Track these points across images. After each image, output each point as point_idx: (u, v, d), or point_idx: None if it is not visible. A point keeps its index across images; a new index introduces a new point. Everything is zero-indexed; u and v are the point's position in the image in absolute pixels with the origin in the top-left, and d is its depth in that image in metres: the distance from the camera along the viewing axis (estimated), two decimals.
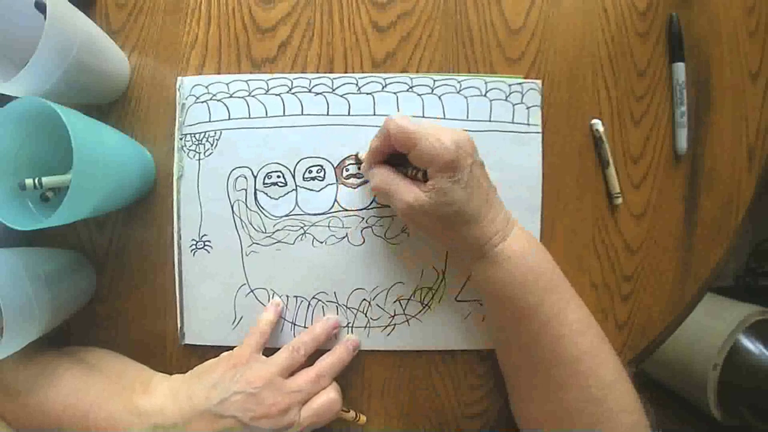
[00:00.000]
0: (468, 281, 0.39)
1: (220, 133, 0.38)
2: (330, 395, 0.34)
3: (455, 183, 0.30)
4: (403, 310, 0.39)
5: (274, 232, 0.38)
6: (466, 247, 0.33)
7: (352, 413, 0.38)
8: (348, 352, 0.37)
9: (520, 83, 0.39)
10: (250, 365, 0.33)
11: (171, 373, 0.36)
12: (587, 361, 0.31)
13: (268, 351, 0.35)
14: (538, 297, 0.31)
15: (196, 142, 0.38)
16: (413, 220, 0.33)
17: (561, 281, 0.33)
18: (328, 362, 0.36)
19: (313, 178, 0.38)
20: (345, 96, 0.38)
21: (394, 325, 0.39)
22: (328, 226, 0.38)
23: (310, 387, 0.34)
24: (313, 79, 0.38)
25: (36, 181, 0.31)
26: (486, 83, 0.39)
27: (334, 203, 0.38)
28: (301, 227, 0.38)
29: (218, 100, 0.38)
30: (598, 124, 0.39)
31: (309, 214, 0.38)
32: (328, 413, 0.34)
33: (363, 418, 0.38)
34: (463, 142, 0.31)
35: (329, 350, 0.37)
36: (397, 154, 0.33)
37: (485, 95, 0.39)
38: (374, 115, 0.38)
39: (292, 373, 0.35)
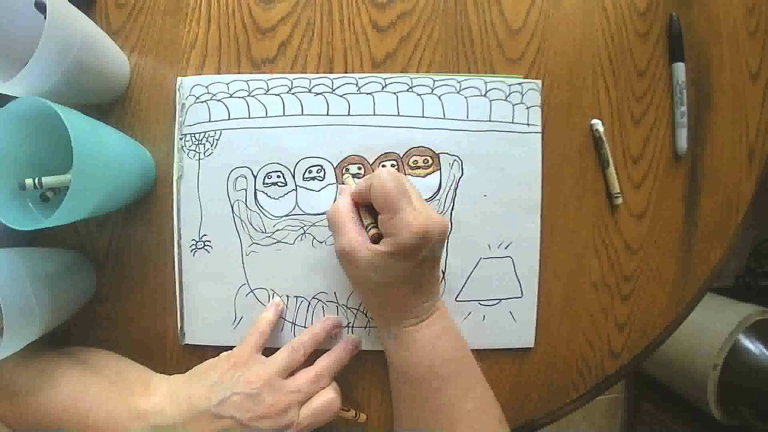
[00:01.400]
0: (466, 283, 0.39)
1: (220, 133, 0.38)
2: (329, 395, 0.34)
3: (397, 263, 0.30)
4: None
5: (274, 232, 0.38)
6: (377, 315, 0.35)
7: (352, 412, 0.38)
8: (347, 351, 0.37)
9: (519, 83, 0.39)
10: (250, 365, 0.33)
11: (171, 374, 0.36)
12: None
13: (269, 351, 0.35)
14: (439, 383, 0.32)
15: (196, 142, 0.38)
16: (344, 265, 0.34)
17: (467, 370, 0.34)
18: (327, 362, 0.36)
19: (313, 178, 0.38)
20: (345, 96, 0.39)
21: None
22: (328, 227, 0.38)
23: (310, 387, 0.34)
24: (313, 79, 0.39)
25: (36, 181, 0.31)
26: (486, 83, 0.39)
27: (334, 203, 0.38)
28: (301, 227, 0.38)
29: (218, 100, 0.38)
30: (598, 124, 0.39)
31: (309, 214, 0.38)
32: (327, 413, 0.34)
33: (363, 417, 0.38)
34: (432, 234, 0.30)
35: (329, 350, 0.37)
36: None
37: (485, 95, 0.39)
38: (374, 115, 0.38)
39: (291, 373, 0.35)
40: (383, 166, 0.38)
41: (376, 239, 0.32)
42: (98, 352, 0.37)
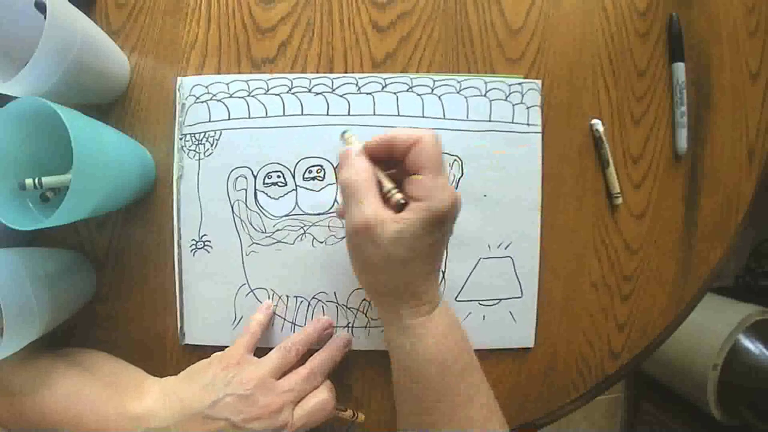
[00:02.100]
0: (466, 283, 0.39)
1: (220, 133, 0.38)
2: (322, 396, 0.34)
3: (427, 233, 0.27)
4: None
5: (274, 232, 0.38)
6: (388, 303, 0.30)
7: (349, 412, 0.38)
8: (339, 349, 0.37)
9: (520, 83, 0.39)
10: (242, 366, 0.33)
11: (171, 374, 0.36)
12: None
13: (266, 351, 0.35)
14: (454, 379, 0.30)
15: (196, 142, 0.38)
16: (358, 241, 0.28)
17: (476, 364, 0.32)
18: (319, 360, 0.35)
19: (313, 178, 0.38)
20: (345, 96, 0.39)
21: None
22: (328, 226, 0.38)
23: (302, 386, 0.33)
24: (313, 79, 0.39)
25: (36, 181, 0.31)
26: (486, 83, 0.39)
27: (334, 203, 0.38)
28: (301, 227, 0.38)
29: (218, 100, 0.38)
30: (598, 124, 0.39)
31: (309, 214, 0.38)
32: (321, 413, 0.34)
33: (362, 416, 0.38)
34: (459, 204, 0.28)
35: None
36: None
37: (485, 95, 0.39)
38: (374, 115, 0.38)
39: (284, 374, 0.34)
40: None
41: (400, 207, 0.28)
42: (93, 354, 0.37)
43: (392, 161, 0.29)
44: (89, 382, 0.33)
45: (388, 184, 0.29)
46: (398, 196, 0.28)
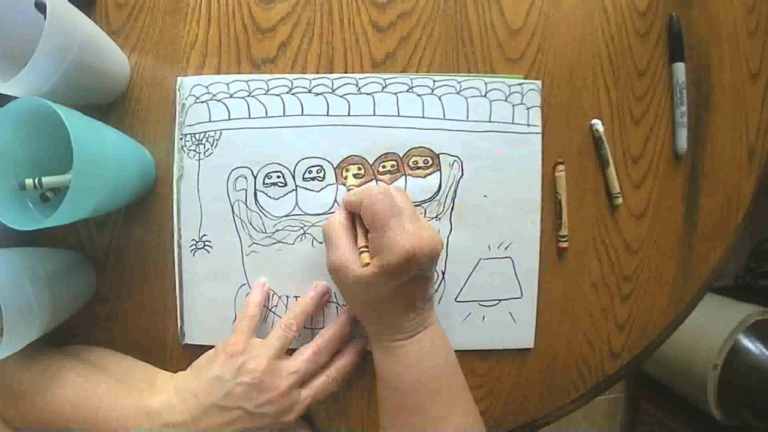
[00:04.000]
0: (466, 283, 0.39)
1: (220, 133, 0.38)
2: (325, 378, 0.35)
3: (384, 282, 0.31)
4: None
5: (274, 232, 0.38)
6: (369, 327, 0.35)
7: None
8: (347, 323, 0.37)
9: (520, 83, 0.39)
10: (247, 353, 0.33)
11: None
12: None
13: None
14: (426, 397, 0.32)
15: (196, 142, 0.38)
16: (333, 279, 0.34)
17: (454, 386, 0.34)
18: (327, 336, 0.36)
19: (313, 179, 0.38)
20: (345, 96, 0.38)
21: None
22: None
23: (308, 366, 0.34)
24: (313, 79, 0.38)
25: (36, 181, 0.31)
26: (486, 83, 0.39)
27: (334, 203, 0.38)
28: (301, 227, 0.38)
29: (218, 100, 0.38)
30: (598, 124, 0.39)
31: (309, 214, 0.38)
32: (324, 393, 0.35)
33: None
34: (420, 254, 0.30)
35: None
36: None
37: (485, 96, 0.39)
38: (374, 115, 0.38)
39: (290, 351, 0.35)
40: (383, 167, 0.38)
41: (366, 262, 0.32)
42: (101, 351, 0.37)
43: None
44: (101, 379, 0.34)
45: (360, 242, 0.33)
46: (363, 255, 0.32)
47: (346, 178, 0.38)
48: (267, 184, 0.38)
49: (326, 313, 0.39)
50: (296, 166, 0.38)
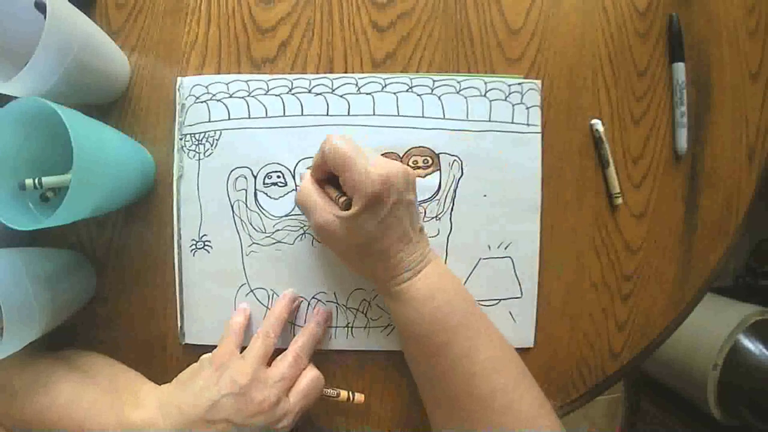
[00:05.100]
0: (466, 283, 0.39)
1: (220, 133, 0.38)
2: (312, 373, 0.35)
3: (370, 217, 0.30)
4: None
5: (274, 232, 0.38)
6: (373, 278, 0.34)
7: (343, 394, 0.37)
8: (319, 325, 0.37)
9: (519, 83, 0.39)
10: (231, 365, 0.33)
11: (172, 373, 0.36)
12: (500, 398, 0.31)
13: (278, 352, 0.36)
14: (447, 336, 0.32)
15: (196, 142, 0.38)
16: (325, 241, 0.34)
17: (473, 319, 0.33)
18: (302, 341, 0.36)
19: None
20: (345, 96, 0.39)
21: (394, 325, 0.39)
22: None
23: (292, 372, 0.34)
24: (313, 79, 0.39)
25: (36, 181, 0.31)
26: (486, 83, 0.39)
27: None
28: (301, 227, 0.38)
29: (218, 100, 0.38)
30: (598, 124, 0.39)
31: None
32: (315, 391, 0.35)
33: (360, 396, 0.38)
34: (394, 178, 0.30)
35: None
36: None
37: (485, 95, 0.39)
38: (374, 115, 0.38)
39: (271, 360, 0.35)
40: None
41: (347, 205, 0.32)
42: (91, 357, 0.37)
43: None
44: (89, 389, 0.33)
45: (333, 193, 0.33)
46: (341, 199, 0.32)
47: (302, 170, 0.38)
48: (267, 184, 0.38)
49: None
50: (296, 166, 0.38)
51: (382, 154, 0.38)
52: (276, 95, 0.38)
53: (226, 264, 0.38)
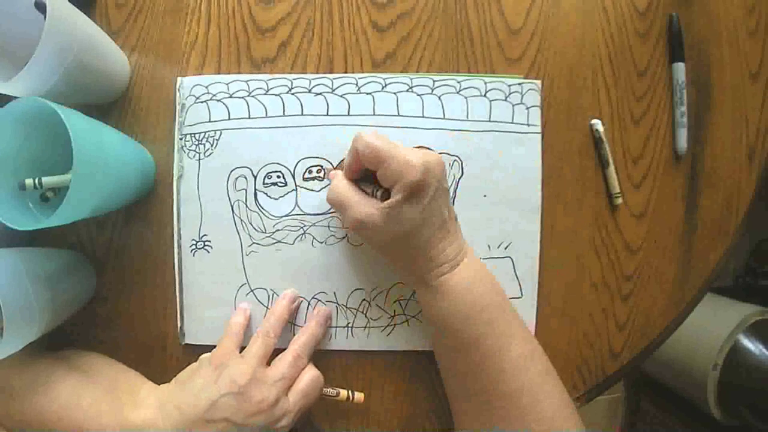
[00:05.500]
0: None
1: (220, 133, 0.38)
2: (311, 373, 0.35)
3: (413, 205, 0.30)
4: (403, 311, 0.39)
5: (274, 232, 0.38)
6: (412, 271, 0.33)
7: (343, 394, 0.37)
8: (320, 325, 0.37)
9: (519, 83, 0.39)
10: (231, 364, 0.33)
11: (172, 373, 0.36)
12: (527, 396, 0.31)
13: (277, 353, 0.36)
14: (481, 330, 0.32)
15: (196, 142, 0.38)
16: (365, 236, 0.34)
17: (506, 315, 0.33)
18: (302, 341, 0.36)
19: (313, 178, 0.38)
20: (345, 96, 0.39)
21: (394, 325, 0.39)
22: (328, 226, 0.38)
23: (291, 371, 0.34)
24: (313, 79, 0.39)
25: (36, 181, 0.31)
26: (486, 83, 0.39)
27: None
28: (301, 227, 0.38)
29: (218, 100, 0.38)
30: (598, 124, 0.39)
31: (309, 214, 0.38)
32: (315, 391, 0.35)
33: (359, 396, 0.38)
34: (433, 165, 0.30)
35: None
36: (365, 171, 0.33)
37: (485, 95, 0.39)
38: (374, 115, 0.38)
39: (270, 360, 0.35)
40: None
41: (385, 197, 0.31)
42: (91, 357, 0.37)
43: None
44: (88, 390, 0.33)
45: (368, 188, 0.33)
46: (379, 192, 0.32)
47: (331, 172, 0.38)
48: (267, 184, 0.38)
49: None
50: (296, 166, 0.38)
51: None
52: (276, 95, 0.38)
53: (226, 264, 0.38)
